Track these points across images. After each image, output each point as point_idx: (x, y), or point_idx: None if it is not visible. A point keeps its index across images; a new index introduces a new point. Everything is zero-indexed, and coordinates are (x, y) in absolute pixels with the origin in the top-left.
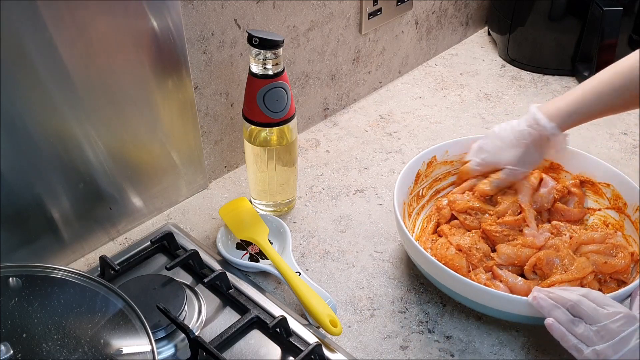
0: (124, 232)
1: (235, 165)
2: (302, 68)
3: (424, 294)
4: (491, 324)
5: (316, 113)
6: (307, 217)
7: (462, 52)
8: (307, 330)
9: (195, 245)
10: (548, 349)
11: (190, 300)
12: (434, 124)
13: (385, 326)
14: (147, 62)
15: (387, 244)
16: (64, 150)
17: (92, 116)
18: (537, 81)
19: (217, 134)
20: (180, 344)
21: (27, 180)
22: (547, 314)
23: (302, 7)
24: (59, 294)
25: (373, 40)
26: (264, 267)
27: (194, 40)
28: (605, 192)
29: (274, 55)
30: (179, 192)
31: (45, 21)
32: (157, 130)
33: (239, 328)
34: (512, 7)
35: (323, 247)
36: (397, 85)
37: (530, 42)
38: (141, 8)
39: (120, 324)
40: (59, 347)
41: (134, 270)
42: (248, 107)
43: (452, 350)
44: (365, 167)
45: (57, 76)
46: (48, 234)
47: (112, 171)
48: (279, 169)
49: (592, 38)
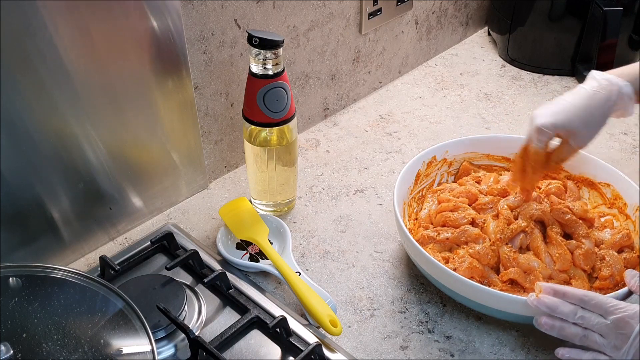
0: (124, 232)
1: (235, 165)
2: (302, 68)
3: (424, 294)
4: (491, 324)
5: (316, 113)
6: (307, 217)
7: (462, 52)
8: (307, 330)
9: (195, 245)
10: (548, 349)
11: (190, 300)
12: (434, 124)
13: (385, 326)
14: (147, 62)
15: (387, 244)
16: (64, 150)
17: (92, 116)
18: (537, 81)
19: (217, 134)
20: (180, 344)
21: (27, 180)
22: (552, 312)
23: (302, 7)
24: (59, 294)
25: (373, 40)
26: (264, 267)
27: (194, 40)
28: (605, 192)
29: (274, 55)
30: (179, 192)
31: (45, 21)
32: (157, 130)
33: (239, 328)
34: (512, 7)
35: (323, 247)
36: (397, 85)
37: (530, 42)
38: (141, 8)
39: (120, 324)
40: (59, 347)
41: (134, 270)
42: (248, 107)
43: (452, 350)
44: (365, 167)
45: (57, 76)
46: (48, 234)
47: (112, 171)
48: (279, 169)
49: (592, 38)
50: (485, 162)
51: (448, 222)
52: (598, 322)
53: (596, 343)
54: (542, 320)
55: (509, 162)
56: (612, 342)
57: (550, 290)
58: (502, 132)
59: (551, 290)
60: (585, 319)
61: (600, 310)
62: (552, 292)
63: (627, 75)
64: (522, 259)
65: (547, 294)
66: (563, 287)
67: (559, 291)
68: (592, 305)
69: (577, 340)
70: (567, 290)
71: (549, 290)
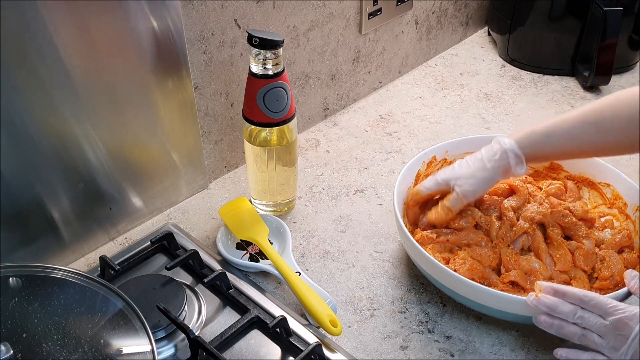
0: (124, 232)
1: (235, 165)
2: (302, 68)
3: (424, 294)
4: (491, 324)
5: (316, 113)
6: (307, 217)
7: (462, 52)
8: (307, 330)
9: (195, 245)
10: (548, 349)
11: (190, 300)
12: (434, 124)
13: (385, 326)
14: (147, 62)
15: (387, 244)
16: (64, 150)
17: (92, 116)
18: (537, 81)
19: (217, 134)
20: (180, 344)
21: (27, 180)
22: (551, 311)
23: (302, 7)
24: (59, 294)
25: (373, 40)
26: (264, 267)
27: (194, 40)
28: (605, 192)
29: (274, 55)
30: (179, 192)
31: (45, 21)
32: (157, 131)
33: (239, 328)
34: (512, 7)
35: (323, 247)
36: (397, 85)
37: (530, 42)
38: (141, 8)
39: (120, 324)
40: (59, 347)
41: (134, 270)
42: (248, 107)
43: (452, 350)
44: (365, 167)
45: (57, 76)
46: (48, 234)
47: (112, 171)
48: (279, 169)
49: (592, 38)
50: None
51: (450, 224)
52: (597, 322)
53: (594, 343)
54: (541, 318)
55: None
56: (611, 342)
57: (550, 290)
58: (502, 132)
59: (551, 290)
60: (584, 319)
61: (600, 310)
62: (552, 291)
63: (518, 134)
64: (523, 261)
65: (547, 293)
66: (563, 287)
67: (559, 291)
68: (591, 305)
69: (576, 340)
70: (567, 290)
71: (549, 289)
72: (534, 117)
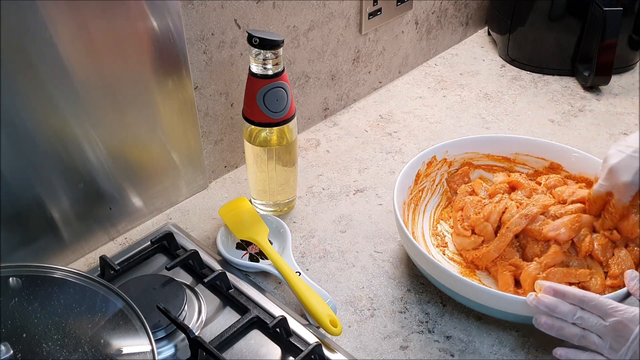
0: (124, 232)
1: (235, 165)
2: (302, 68)
3: (424, 294)
4: (491, 324)
5: (316, 113)
6: (307, 217)
7: (462, 52)
8: (307, 330)
9: (195, 245)
10: (548, 349)
11: (190, 300)
12: (434, 124)
13: (385, 326)
14: (147, 62)
15: (387, 244)
16: (64, 150)
17: (92, 116)
18: (537, 81)
19: (217, 134)
20: (180, 344)
21: (27, 180)
22: (551, 311)
23: (302, 7)
24: (59, 294)
25: (373, 40)
26: (264, 267)
27: (194, 40)
28: None
29: (274, 55)
30: (179, 192)
31: (45, 21)
32: (157, 131)
33: (239, 328)
34: (512, 7)
35: (323, 247)
36: (397, 85)
37: (530, 42)
38: (141, 8)
39: (120, 324)
40: (59, 347)
41: (134, 270)
42: (248, 107)
43: (452, 350)
44: (365, 167)
45: (57, 76)
46: (48, 234)
47: (112, 171)
48: (279, 169)
49: (592, 38)
50: (485, 162)
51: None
52: (596, 323)
53: (594, 344)
54: (541, 319)
55: (509, 162)
56: (610, 343)
57: (550, 290)
58: (502, 132)
59: (551, 290)
60: (584, 320)
61: (600, 311)
62: (551, 291)
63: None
64: None
65: (547, 293)
66: (563, 287)
67: (559, 291)
68: (591, 306)
69: (576, 341)
70: (567, 290)
71: (548, 290)
72: (534, 117)
